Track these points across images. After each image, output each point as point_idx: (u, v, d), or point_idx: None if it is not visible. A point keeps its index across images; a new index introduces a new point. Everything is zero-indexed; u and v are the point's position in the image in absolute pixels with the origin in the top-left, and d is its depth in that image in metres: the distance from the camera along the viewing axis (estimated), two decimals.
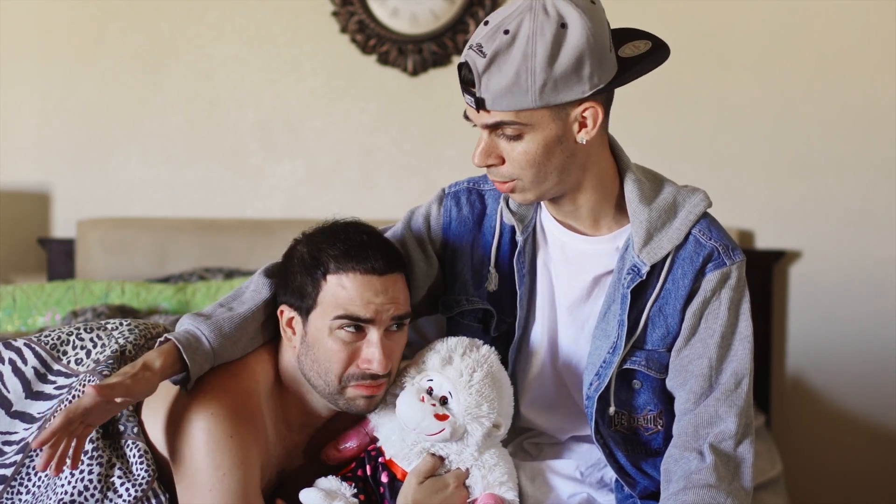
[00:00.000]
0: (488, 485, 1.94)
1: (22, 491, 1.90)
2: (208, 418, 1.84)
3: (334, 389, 1.91)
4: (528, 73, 1.77)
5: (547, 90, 1.78)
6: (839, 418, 3.79)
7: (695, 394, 1.94)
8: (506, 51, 1.77)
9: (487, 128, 1.84)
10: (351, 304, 1.87)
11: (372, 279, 1.88)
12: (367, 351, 1.89)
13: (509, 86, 1.77)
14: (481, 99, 1.80)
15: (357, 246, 1.90)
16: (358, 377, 1.90)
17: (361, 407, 1.93)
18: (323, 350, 1.90)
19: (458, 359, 1.93)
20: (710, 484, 1.88)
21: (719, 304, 1.94)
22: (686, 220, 1.94)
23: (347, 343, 1.89)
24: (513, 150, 1.84)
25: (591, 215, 1.96)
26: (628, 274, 1.92)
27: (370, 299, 1.88)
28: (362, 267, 1.88)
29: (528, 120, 1.80)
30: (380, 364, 1.89)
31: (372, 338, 1.89)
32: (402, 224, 2.11)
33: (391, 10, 3.80)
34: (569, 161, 1.86)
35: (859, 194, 3.73)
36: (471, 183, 2.10)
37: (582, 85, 1.79)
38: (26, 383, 1.98)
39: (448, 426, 1.90)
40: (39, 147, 3.92)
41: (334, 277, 1.89)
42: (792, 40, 3.71)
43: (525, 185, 1.87)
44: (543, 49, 1.76)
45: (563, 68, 1.77)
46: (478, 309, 2.06)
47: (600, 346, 1.96)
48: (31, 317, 3.34)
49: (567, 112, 1.82)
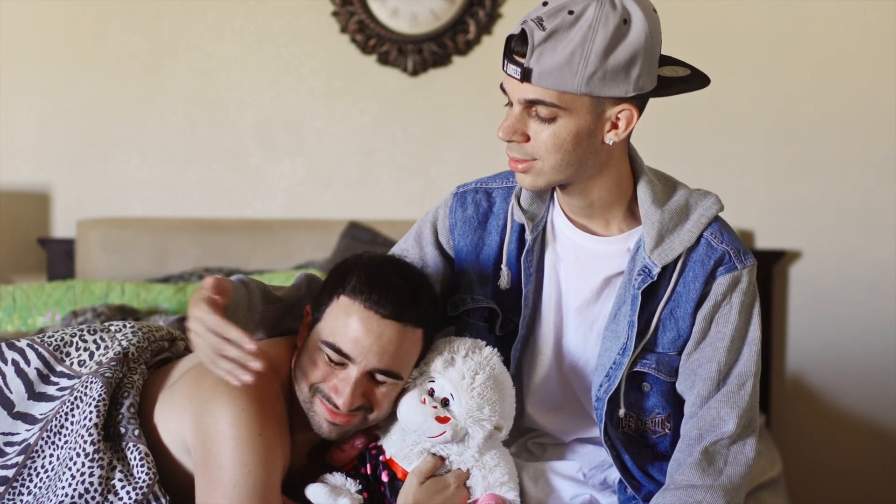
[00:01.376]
0: (489, 485, 1.94)
1: (23, 492, 1.90)
2: (239, 414, 1.83)
3: (305, 396, 1.90)
4: (582, 58, 1.77)
5: (595, 79, 1.78)
6: (839, 418, 3.79)
7: (701, 397, 1.95)
8: (566, 30, 1.77)
9: (523, 103, 1.83)
10: (342, 337, 1.86)
11: (372, 317, 1.85)
12: (338, 381, 1.87)
13: (560, 65, 1.77)
14: (529, 70, 1.79)
15: (380, 282, 1.87)
16: (324, 395, 1.88)
17: (324, 431, 1.90)
18: (308, 357, 1.90)
19: (460, 361, 1.92)
20: (691, 484, 1.89)
21: (730, 309, 1.94)
22: (698, 222, 1.94)
23: (327, 365, 1.88)
24: (542, 131, 1.83)
25: (603, 215, 1.96)
26: (639, 275, 1.92)
27: (360, 338, 1.85)
28: (369, 302, 1.85)
29: (568, 104, 1.80)
30: (343, 401, 1.86)
31: (349, 374, 1.86)
32: (413, 235, 2.12)
33: (391, 10, 3.80)
34: (591, 157, 1.86)
35: (859, 194, 3.73)
36: (479, 183, 2.10)
37: (627, 84, 1.80)
38: (29, 384, 1.98)
39: (449, 429, 1.90)
40: (39, 147, 3.92)
41: (344, 300, 1.88)
42: (792, 40, 3.72)
43: (543, 167, 1.86)
44: (603, 38, 1.77)
45: (616, 62, 1.78)
46: (483, 308, 2.05)
47: (610, 347, 1.96)
48: (31, 317, 3.34)
49: (604, 108, 1.83)
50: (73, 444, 1.88)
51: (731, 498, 1.90)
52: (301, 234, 3.78)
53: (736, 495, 1.92)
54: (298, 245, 3.76)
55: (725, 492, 1.90)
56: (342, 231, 3.68)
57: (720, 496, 1.89)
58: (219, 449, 1.82)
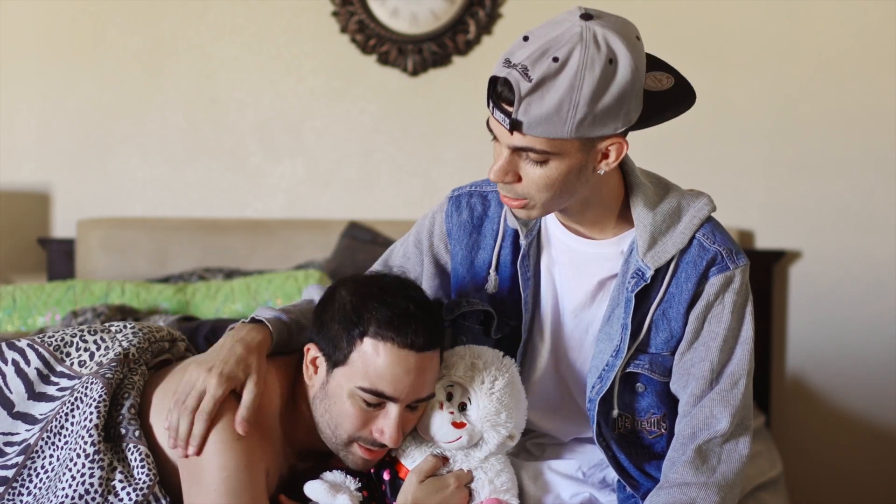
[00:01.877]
0: (495, 489, 1.95)
1: (23, 492, 1.90)
2: (218, 421, 1.85)
3: (340, 443, 1.91)
4: (570, 106, 1.75)
5: (585, 124, 1.77)
6: (839, 418, 3.79)
7: (695, 396, 1.95)
8: (552, 79, 1.74)
9: (512, 149, 1.82)
10: (379, 380, 1.85)
11: (408, 355, 1.85)
12: (382, 422, 1.87)
13: (549, 114, 1.75)
14: (518, 121, 1.77)
15: (402, 315, 1.86)
16: (367, 441, 1.89)
17: (359, 465, 1.93)
18: (338, 407, 1.89)
19: (481, 366, 1.94)
20: (685, 482, 1.90)
21: (723, 308, 1.94)
22: (690, 224, 1.94)
23: (365, 411, 1.88)
24: (533, 172, 1.82)
25: (596, 220, 1.96)
26: (632, 278, 1.93)
27: (400, 377, 1.85)
28: (401, 340, 1.84)
29: (558, 149, 1.79)
30: (391, 439, 1.87)
31: (391, 412, 1.87)
32: (413, 239, 2.13)
33: (391, 10, 3.80)
34: (582, 186, 1.87)
35: (859, 194, 3.73)
36: (474, 186, 2.10)
37: (617, 122, 1.79)
38: (29, 384, 1.98)
39: (465, 434, 1.91)
40: (39, 147, 3.92)
41: (371, 342, 1.86)
42: (792, 40, 3.72)
43: (535, 204, 1.87)
44: (591, 84, 1.74)
45: (606, 105, 1.76)
46: (478, 311, 2.06)
47: (604, 349, 1.97)
48: (31, 317, 3.33)
49: (594, 144, 1.82)
50: (73, 445, 1.88)
51: (725, 494, 1.90)
52: (301, 234, 3.78)
53: (730, 492, 1.92)
54: (298, 245, 3.76)
55: (719, 488, 1.90)
56: (342, 231, 3.68)
57: (714, 493, 1.89)
58: (199, 454, 1.84)
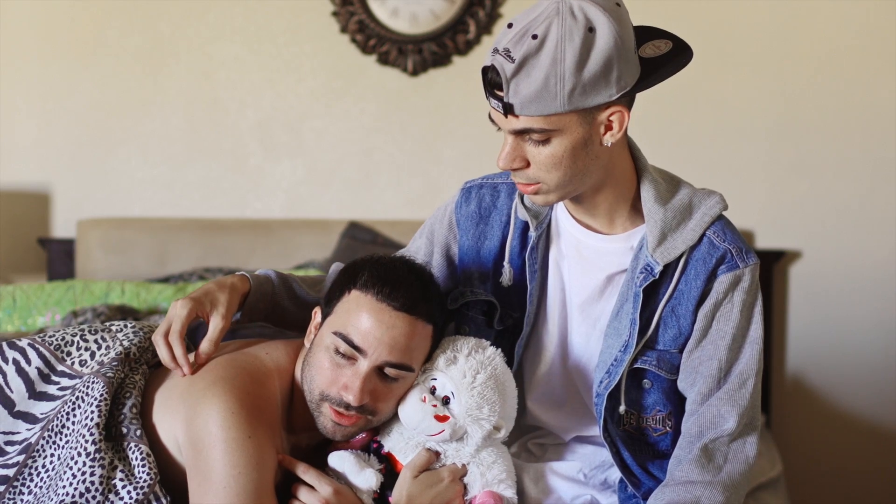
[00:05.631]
0: (487, 482, 1.95)
1: (24, 491, 1.90)
2: (228, 417, 1.83)
3: (314, 402, 1.91)
4: (557, 79, 1.76)
5: (576, 95, 1.78)
6: (839, 418, 3.79)
7: (702, 395, 1.95)
8: (534, 56, 1.76)
9: (514, 133, 1.84)
10: (352, 328, 1.87)
11: (384, 309, 1.87)
12: (348, 377, 1.88)
13: (538, 91, 1.77)
14: (510, 104, 1.79)
15: (392, 276, 1.89)
16: (334, 401, 1.89)
17: (328, 430, 1.92)
18: (316, 358, 1.91)
19: (462, 359, 1.93)
20: (690, 480, 1.89)
21: (731, 307, 1.94)
22: (701, 221, 1.94)
23: (336, 364, 1.89)
24: (539, 153, 1.84)
25: (607, 214, 1.96)
26: (641, 273, 1.93)
27: (371, 329, 1.86)
28: (382, 294, 1.87)
29: (557, 125, 1.81)
30: (355, 396, 1.87)
31: (359, 368, 1.88)
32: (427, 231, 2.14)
33: (391, 10, 3.81)
34: (593, 163, 1.87)
35: (859, 194, 3.73)
36: (486, 178, 2.12)
37: (609, 88, 1.80)
38: (30, 383, 1.98)
39: (448, 427, 1.91)
40: (39, 147, 3.92)
41: (355, 294, 1.89)
42: (792, 40, 3.72)
43: (549, 187, 1.87)
44: (572, 54, 1.76)
45: (592, 73, 1.77)
46: (482, 301, 2.06)
47: (612, 344, 1.97)
48: (31, 317, 3.34)
49: (594, 116, 1.83)
50: (74, 444, 1.88)
51: (730, 494, 1.90)
52: (301, 234, 3.79)
53: (735, 492, 1.91)
54: (298, 245, 3.77)
55: (724, 488, 1.90)
56: (342, 231, 3.68)
57: (719, 492, 1.89)
58: (209, 451, 1.83)
